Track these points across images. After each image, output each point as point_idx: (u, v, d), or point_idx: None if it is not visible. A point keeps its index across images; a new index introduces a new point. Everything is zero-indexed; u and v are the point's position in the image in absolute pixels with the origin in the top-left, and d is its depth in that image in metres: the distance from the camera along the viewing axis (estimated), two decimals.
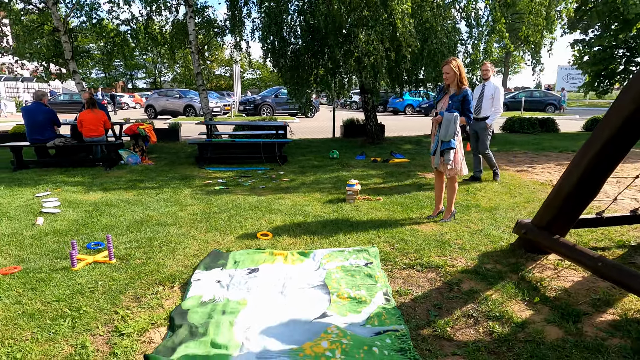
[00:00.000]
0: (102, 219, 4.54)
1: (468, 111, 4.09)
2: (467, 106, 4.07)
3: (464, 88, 4.06)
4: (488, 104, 5.83)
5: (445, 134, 4.03)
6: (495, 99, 5.78)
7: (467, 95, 4.05)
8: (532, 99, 24.23)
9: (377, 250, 3.52)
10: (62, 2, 9.86)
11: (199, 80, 9.85)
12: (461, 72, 4.03)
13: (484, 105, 5.86)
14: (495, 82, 5.85)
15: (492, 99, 5.78)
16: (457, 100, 4.07)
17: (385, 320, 2.48)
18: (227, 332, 2.35)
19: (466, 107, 4.07)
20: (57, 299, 2.78)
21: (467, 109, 4.08)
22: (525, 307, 2.70)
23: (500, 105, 5.82)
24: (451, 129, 3.99)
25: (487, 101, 5.82)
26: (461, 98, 4.06)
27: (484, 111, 5.88)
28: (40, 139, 7.41)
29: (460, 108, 4.07)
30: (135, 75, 50.45)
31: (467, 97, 4.05)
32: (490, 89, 5.80)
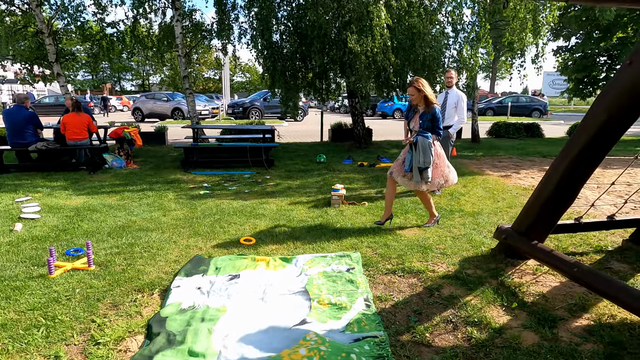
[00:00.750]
0: (83, 224, 4.48)
1: (438, 128, 4.16)
2: (437, 123, 4.14)
3: (433, 106, 4.10)
4: (451, 113, 5.65)
5: (422, 161, 4.07)
6: (459, 108, 5.63)
7: (436, 114, 4.11)
8: (518, 104, 24.61)
9: (359, 256, 3.53)
10: (46, 4, 9.72)
11: (186, 84, 9.79)
12: (426, 91, 4.05)
13: (447, 113, 5.65)
14: (458, 91, 5.70)
15: (456, 108, 5.63)
16: (427, 119, 4.13)
17: (364, 327, 2.49)
18: (205, 340, 2.33)
19: (436, 124, 4.14)
20: (31, 307, 2.73)
21: (437, 126, 4.15)
22: (503, 313, 2.73)
23: (464, 114, 5.68)
24: (427, 156, 4.05)
25: (450, 110, 5.65)
26: (430, 117, 4.11)
27: (447, 120, 5.66)
28: (22, 143, 7.26)
29: (431, 126, 4.14)
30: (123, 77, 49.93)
31: (435, 115, 4.10)
32: (454, 97, 5.64)
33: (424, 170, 4.10)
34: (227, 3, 9.78)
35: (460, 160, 8.80)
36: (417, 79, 4.12)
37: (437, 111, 4.13)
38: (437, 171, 4.22)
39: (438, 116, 4.13)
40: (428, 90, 4.07)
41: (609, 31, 12.69)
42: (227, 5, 9.81)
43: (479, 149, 10.75)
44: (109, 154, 8.01)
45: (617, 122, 2.66)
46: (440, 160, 4.25)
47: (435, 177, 4.21)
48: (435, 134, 4.17)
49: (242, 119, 20.89)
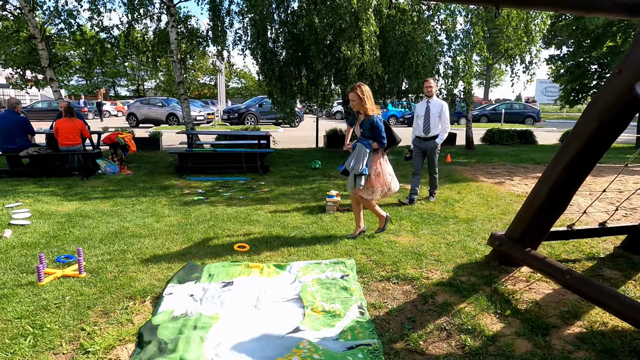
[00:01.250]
0: (75, 230, 4.43)
1: (380, 137, 4.01)
2: (378, 132, 4.00)
3: (371, 116, 3.98)
4: (436, 122, 5.55)
5: (352, 166, 3.98)
6: (443, 117, 5.54)
7: (374, 123, 3.97)
8: (511, 111, 24.83)
9: (353, 263, 3.52)
10: (39, 9, 9.69)
11: (181, 89, 9.78)
12: (366, 98, 3.93)
13: (432, 123, 5.54)
14: (439, 100, 5.61)
15: (440, 117, 5.54)
16: (367, 127, 4.02)
17: (358, 335, 2.47)
18: (197, 348, 2.30)
19: (376, 133, 4.00)
20: (19, 316, 2.68)
21: (378, 135, 4.01)
22: (497, 320, 2.72)
23: (448, 123, 5.61)
24: (358, 163, 3.94)
25: (434, 119, 5.54)
26: (369, 126, 4.00)
27: (432, 129, 5.57)
28: (13, 148, 7.20)
29: (372, 134, 4.02)
30: (117, 82, 49.75)
31: (374, 124, 3.98)
32: (437, 107, 5.54)
33: (358, 177, 3.97)
34: (221, 9, 9.82)
35: (454, 167, 8.84)
36: (359, 85, 3.96)
37: (375, 120, 3.98)
38: (380, 179, 4.08)
39: (377, 125, 3.98)
40: (368, 98, 3.94)
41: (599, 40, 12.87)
42: (222, 11, 9.85)
43: (473, 155, 10.81)
44: (103, 159, 7.96)
45: (607, 129, 2.69)
46: (382, 168, 4.10)
47: (377, 186, 4.09)
48: (378, 143, 4.03)
49: (237, 124, 20.88)
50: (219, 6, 9.74)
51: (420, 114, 5.64)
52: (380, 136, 4.01)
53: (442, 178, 7.50)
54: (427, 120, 5.56)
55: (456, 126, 21.48)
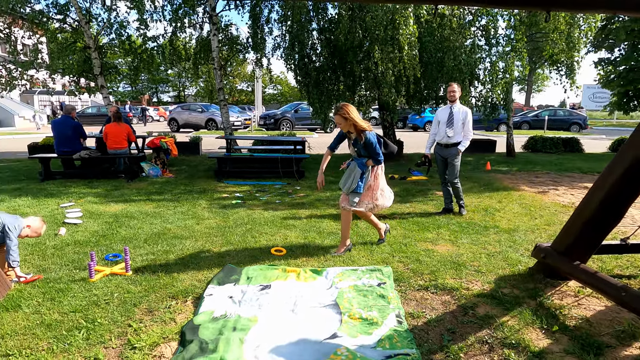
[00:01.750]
0: (121, 230, 4.65)
1: (375, 154, 3.84)
2: (372, 150, 3.81)
3: (364, 133, 3.78)
4: (459, 129, 5.27)
5: (343, 185, 3.90)
6: (466, 124, 5.27)
7: (368, 140, 3.77)
8: (555, 118, 23.75)
9: (390, 270, 3.48)
10: (94, 21, 10.32)
11: (221, 95, 10.07)
12: (353, 117, 3.72)
13: (456, 129, 5.28)
14: (462, 106, 5.35)
15: (464, 124, 5.27)
16: (360, 146, 3.84)
17: (396, 344, 2.44)
18: (236, 350, 2.35)
19: (371, 151, 3.82)
20: (73, 309, 2.85)
21: (374, 152, 3.82)
22: (543, 336, 2.61)
23: (471, 131, 5.34)
24: (348, 182, 3.86)
25: (458, 125, 5.27)
26: (363, 145, 3.82)
27: (455, 136, 5.30)
28: (68, 151, 7.67)
29: (367, 153, 3.86)
30: (160, 88, 51.95)
31: (367, 142, 3.78)
32: (462, 114, 5.28)
33: (352, 194, 3.87)
34: (261, 17, 10.07)
35: (494, 175, 8.57)
36: (342, 106, 3.79)
37: (369, 138, 3.78)
38: (369, 193, 3.95)
39: (370, 142, 3.77)
40: (355, 117, 3.73)
41: None
42: (262, 19, 10.09)
43: (514, 163, 10.44)
44: (146, 162, 8.32)
45: None
46: (375, 182, 3.96)
47: (365, 199, 3.95)
48: (374, 161, 3.88)
49: (273, 130, 21.23)
50: (259, 14, 10.00)
51: (443, 119, 5.36)
52: (375, 153, 3.83)
53: (482, 186, 7.29)
54: (451, 126, 5.31)
55: (496, 133, 20.84)
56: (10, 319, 2.72)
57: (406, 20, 6.94)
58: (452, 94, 5.30)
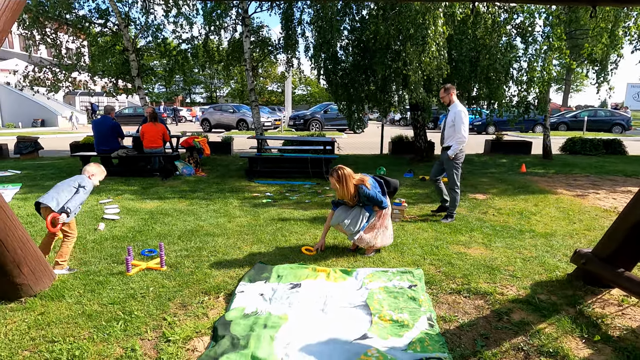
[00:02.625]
0: (157, 227, 4.80)
1: (378, 202, 3.81)
2: (374, 200, 3.78)
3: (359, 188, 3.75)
4: (450, 132, 5.00)
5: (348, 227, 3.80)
6: (456, 126, 4.92)
7: (366, 194, 3.74)
8: (596, 119, 22.69)
9: (422, 273, 3.42)
10: (132, 25, 10.73)
11: (252, 96, 10.23)
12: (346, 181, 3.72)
13: (446, 133, 5.05)
14: (458, 106, 5.00)
15: (454, 126, 4.95)
16: (363, 200, 3.81)
17: (428, 347, 2.40)
18: (267, 347, 2.37)
19: (374, 201, 3.80)
20: (112, 301, 2.96)
21: (376, 202, 3.80)
22: (583, 345, 2.50)
23: (462, 133, 4.88)
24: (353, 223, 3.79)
25: (448, 129, 5.02)
26: (365, 199, 3.79)
27: (447, 140, 5.06)
28: (106, 150, 8.00)
29: (371, 204, 3.83)
30: (193, 90, 53.34)
31: (367, 196, 3.75)
32: (452, 114, 4.98)
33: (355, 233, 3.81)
34: (293, 19, 10.15)
35: (529, 177, 8.29)
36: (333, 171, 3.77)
37: (365, 191, 3.73)
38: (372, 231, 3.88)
39: (368, 194, 3.73)
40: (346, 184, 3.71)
41: None
42: (294, 21, 10.17)
43: (551, 165, 10.05)
44: (180, 161, 8.55)
45: None
46: (380, 222, 3.89)
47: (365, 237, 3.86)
48: (379, 207, 3.85)
49: (302, 130, 21.36)
50: (291, 16, 10.08)
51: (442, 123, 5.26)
52: (378, 201, 3.81)
53: (517, 189, 7.06)
54: (443, 128, 5.14)
55: (531, 134, 20.15)
56: (55, 308, 2.86)
57: (435, 20, 6.81)
58: (442, 98, 5.14)
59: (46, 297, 3.01)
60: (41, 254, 3.18)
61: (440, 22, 6.85)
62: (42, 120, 26.18)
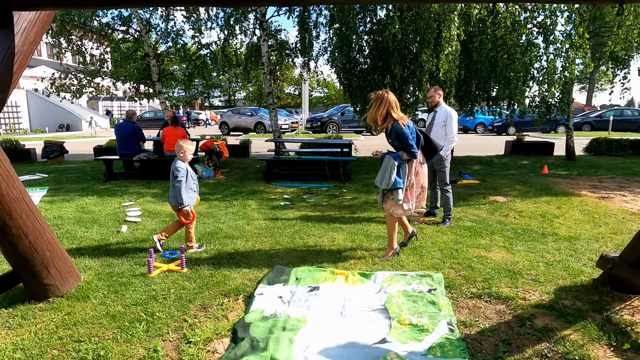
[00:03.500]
0: None
1: (408, 146, 3.65)
2: (405, 141, 3.64)
3: (391, 123, 3.66)
4: (441, 133, 4.94)
5: (380, 181, 3.73)
6: (448, 126, 4.92)
7: (398, 130, 3.62)
8: (622, 118, 21.97)
9: (441, 277, 3.38)
10: (153, 31, 10.98)
11: (270, 100, 10.32)
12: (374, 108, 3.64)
13: (435, 133, 4.94)
14: (447, 107, 5.02)
15: (445, 126, 4.95)
16: (393, 137, 3.71)
17: (448, 352, 2.37)
18: (286, 349, 2.39)
19: (403, 143, 3.65)
20: (135, 303, 3.03)
21: (406, 144, 3.65)
22: (611, 353, 2.42)
23: (454, 133, 4.93)
24: (386, 177, 3.67)
25: (439, 129, 4.96)
26: (394, 135, 3.68)
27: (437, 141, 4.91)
28: (128, 153, 8.19)
29: (400, 145, 3.70)
30: (212, 93, 54.09)
31: (398, 132, 3.63)
32: (442, 115, 4.98)
33: (395, 191, 3.68)
34: (309, 22, 10.20)
35: (552, 179, 8.10)
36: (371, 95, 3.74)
37: (398, 127, 3.61)
38: (411, 191, 3.79)
39: (401, 132, 3.61)
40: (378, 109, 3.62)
41: None
42: (310, 23, 10.22)
43: (575, 167, 9.79)
44: (199, 164, 8.68)
45: None
46: (417, 180, 3.83)
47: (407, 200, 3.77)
48: (407, 154, 3.68)
49: (319, 132, 21.40)
50: (307, 19, 10.13)
51: (427, 124, 5.17)
52: (408, 145, 3.63)
53: (539, 191, 6.91)
54: (430, 129, 5.04)
55: (553, 135, 19.68)
56: (81, 308, 2.94)
57: (450, 22, 6.75)
58: (429, 99, 5.09)
59: (72, 297, 3.10)
60: (67, 256, 3.28)
61: (454, 26, 6.78)
62: (67, 125, 26.98)
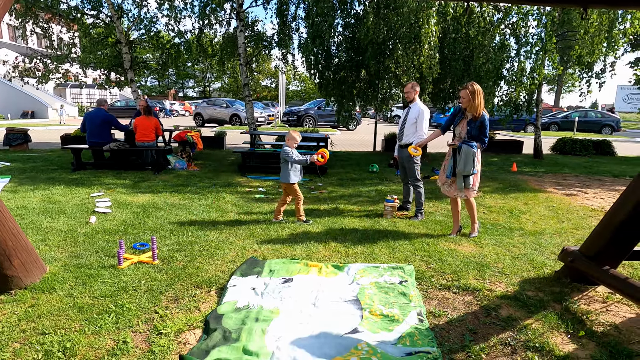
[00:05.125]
0: (148, 220, 4.78)
1: (484, 136, 4.19)
2: (484, 132, 4.18)
3: (482, 114, 4.14)
4: (411, 130, 5.00)
5: (463, 168, 4.14)
6: (419, 123, 4.95)
7: (485, 122, 4.15)
8: (586, 120, 23.00)
9: (412, 269, 3.47)
10: (125, 17, 10.61)
11: (246, 91, 10.19)
12: (478, 97, 4.08)
13: (406, 130, 5.04)
14: (420, 104, 5.04)
15: (416, 123, 4.98)
16: (476, 126, 4.16)
17: (417, 341, 2.44)
18: (259, 340, 2.40)
19: (483, 133, 4.18)
20: (103, 294, 2.96)
21: (484, 134, 4.18)
22: (568, 341, 2.55)
23: (424, 130, 4.95)
24: (469, 164, 4.12)
25: (410, 126, 5.00)
26: (479, 124, 4.15)
27: (406, 137, 5.04)
28: (98, 142, 7.93)
29: (478, 133, 4.17)
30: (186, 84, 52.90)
31: (484, 122, 4.15)
32: (414, 112, 5.00)
33: (467, 177, 4.17)
34: (288, 14, 10.09)
35: (520, 177, 8.39)
36: (471, 84, 4.14)
37: (486, 119, 4.15)
38: (476, 177, 4.28)
39: (486, 124, 4.16)
40: (480, 98, 4.11)
41: None
42: (289, 16, 10.12)
43: (542, 165, 10.18)
44: (173, 155, 8.51)
45: None
46: (479, 168, 4.29)
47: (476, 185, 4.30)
48: (481, 143, 4.20)
49: (296, 126, 21.33)
50: (286, 11, 10.03)
51: (401, 120, 5.23)
52: (485, 135, 4.18)
53: (507, 188, 7.15)
54: (402, 126, 5.12)
55: (522, 134, 20.34)
56: (46, 301, 2.85)
57: (429, 19, 6.84)
58: (407, 94, 5.12)
59: (37, 289, 3.00)
60: (32, 247, 3.16)
61: (433, 21, 6.87)
62: (31, 112, 25.82)
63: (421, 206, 5.15)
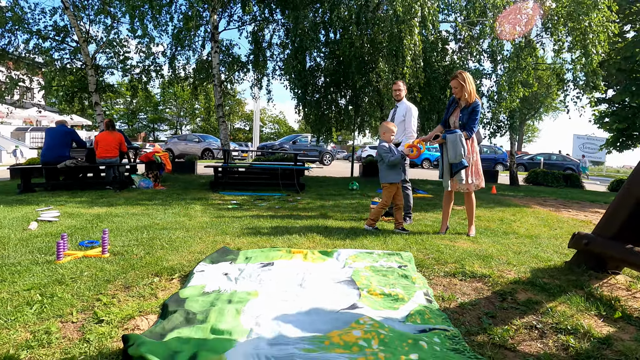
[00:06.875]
0: (103, 224, 4.14)
1: (473, 123, 3.93)
2: (474, 118, 3.92)
3: (475, 100, 3.95)
4: (400, 128, 4.79)
5: (454, 156, 3.86)
6: (407, 121, 4.78)
7: (476, 107, 3.92)
8: (550, 162, 23.95)
9: (411, 255, 3.01)
10: (92, 42, 10.22)
11: (220, 112, 9.84)
12: (468, 84, 3.90)
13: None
14: (407, 103, 4.89)
15: (404, 122, 4.80)
16: (467, 112, 3.96)
17: (429, 320, 1.96)
18: (232, 320, 1.86)
19: (472, 119, 3.92)
20: (29, 288, 2.32)
21: (473, 121, 3.92)
22: (603, 323, 2.14)
23: (412, 128, 4.78)
24: (458, 149, 3.82)
25: (398, 125, 4.78)
26: (470, 110, 3.93)
27: (395, 136, 4.76)
28: (55, 158, 7.05)
29: (467, 121, 3.94)
30: (157, 127, 52.11)
31: (475, 109, 3.92)
32: (402, 110, 4.82)
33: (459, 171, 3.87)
34: (262, 42, 10.06)
35: (502, 197, 8.22)
36: (460, 72, 3.98)
37: (478, 105, 3.93)
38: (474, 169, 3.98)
39: (477, 111, 3.92)
40: (470, 84, 3.92)
41: None
42: (264, 43, 10.09)
43: (520, 190, 10.14)
44: (137, 175, 7.86)
45: None
46: (474, 158, 3.99)
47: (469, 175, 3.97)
48: (467, 131, 3.92)
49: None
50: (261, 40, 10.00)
51: (388, 118, 5.04)
52: (474, 123, 3.92)
53: (492, 203, 6.92)
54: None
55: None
56: None
57: (412, 30, 6.82)
58: (397, 92, 4.94)
59: None
60: None
61: (416, 30, 6.86)
62: None
63: (409, 209, 4.76)
